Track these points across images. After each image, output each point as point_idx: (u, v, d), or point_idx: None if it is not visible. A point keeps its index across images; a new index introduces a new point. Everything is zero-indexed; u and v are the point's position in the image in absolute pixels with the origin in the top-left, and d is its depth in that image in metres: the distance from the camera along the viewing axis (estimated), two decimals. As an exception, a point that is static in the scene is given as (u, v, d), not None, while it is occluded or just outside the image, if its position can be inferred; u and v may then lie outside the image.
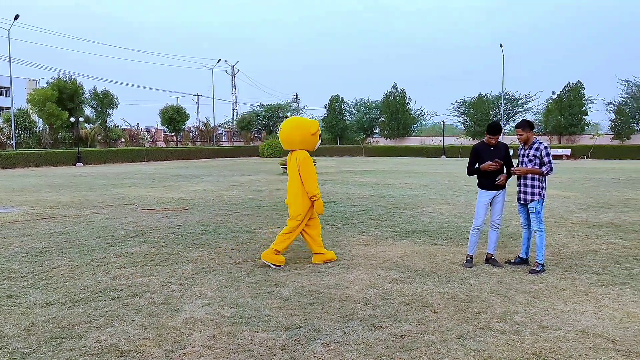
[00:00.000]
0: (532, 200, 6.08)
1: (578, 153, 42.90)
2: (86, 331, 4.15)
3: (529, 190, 6.11)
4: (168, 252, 7.10)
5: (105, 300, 4.96)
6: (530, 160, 6.10)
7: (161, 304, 4.87)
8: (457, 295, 5.09)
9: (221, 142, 69.70)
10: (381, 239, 7.89)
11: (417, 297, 5.01)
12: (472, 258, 6.33)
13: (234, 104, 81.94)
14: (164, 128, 65.28)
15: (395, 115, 60.39)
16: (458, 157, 45.86)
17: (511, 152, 6.48)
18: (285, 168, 24.81)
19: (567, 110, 50.09)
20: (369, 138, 64.18)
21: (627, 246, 7.25)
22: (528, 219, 6.26)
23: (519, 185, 6.23)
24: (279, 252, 6.28)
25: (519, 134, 6.17)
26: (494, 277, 5.71)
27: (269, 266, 6.17)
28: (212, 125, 66.65)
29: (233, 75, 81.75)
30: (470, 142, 56.17)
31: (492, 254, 6.37)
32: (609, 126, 51.25)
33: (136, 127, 64.83)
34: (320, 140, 6.68)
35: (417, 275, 5.80)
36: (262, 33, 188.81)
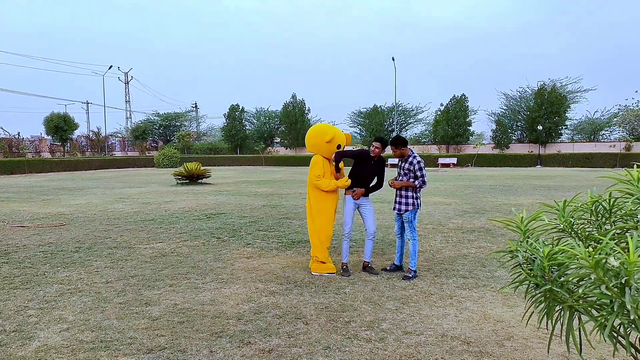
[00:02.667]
0: (406, 210, 6.35)
1: (463, 161, 45.89)
2: None
3: (403, 200, 6.37)
4: (32, 273, 6.54)
5: (-55, 332, 4.44)
6: (405, 174, 6.37)
7: (13, 331, 4.46)
8: (331, 305, 5.15)
9: (114, 152, 66.32)
10: (266, 251, 7.85)
11: (291, 310, 5.00)
12: (347, 266, 6.47)
13: (128, 113, 78.49)
14: (50, 137, 60.90)
15: (294, 125, 60.93)
16: (355, 166, 47.33)
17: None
18: (180, 179, 24.17)
19: (453, 121, 53.42)
20: (269, 147, 64.18)
21: (493, 249, 7.78)
22: (402, 227, 6.52)
23: (396, 196, 6.48)
24: (323, 261, 6.43)
25: (393, 151, 6.45)
26: (369, 285, 5.87)
27: (322, 275, 6.34)
28: (103, 134, 63.25)
29: (126, 83, 78.33)
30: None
31: (368, 262, 6.55)
32: (490, 136, 55.35)
33: (17, 136, 59.91)
34: (341, 149, 6.70)
35: (295, 287, 5.81)
36: (157, 40, 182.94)
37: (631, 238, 1.29)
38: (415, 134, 64.08)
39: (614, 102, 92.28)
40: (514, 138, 55.37)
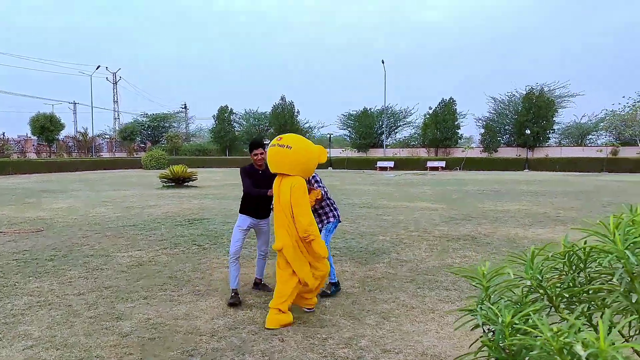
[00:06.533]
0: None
1: (452, 165, 45.96)
2: None
3: None
4: (2, 283, 6.31)
5: None
6: None
7: (-26, 349, 4.25)
8: (310, 319, 4.99)
9: (101, 154, 65.71)
10: (246, 260, 7.65)
11: (267, 325, 4.83)
12: (236, 293, 5.63)
13: (116, 113, 77.82)
14: (36, 138, 60.20)
15: (284, 127, 60.69)
16: (344, 168, 47.41)
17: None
18: (166, 181, 23.69)
19: (442, 124, 53.52)
20: (258, 149, 63.85)
21: (478, 259, 7.66)
22: None
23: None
24: (283, 311, 4.85)
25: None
26: (350, 298, 5.71)
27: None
28: (90, 135, 62.63)
29: (115, 83, 77.67)
30: (356, 154, 58.08)
31: (260, 279, 6.26)
32: (479, 140, 55.54)
33: (2, 136, 59.24)
34: None
35: (274, 299, 5.63)
36: (145, 41, 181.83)
37: (602, 320, 1.14)
38: (405, 137, 64.16)
39: (601, 107, 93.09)
40: (502, 142, 55.59)
